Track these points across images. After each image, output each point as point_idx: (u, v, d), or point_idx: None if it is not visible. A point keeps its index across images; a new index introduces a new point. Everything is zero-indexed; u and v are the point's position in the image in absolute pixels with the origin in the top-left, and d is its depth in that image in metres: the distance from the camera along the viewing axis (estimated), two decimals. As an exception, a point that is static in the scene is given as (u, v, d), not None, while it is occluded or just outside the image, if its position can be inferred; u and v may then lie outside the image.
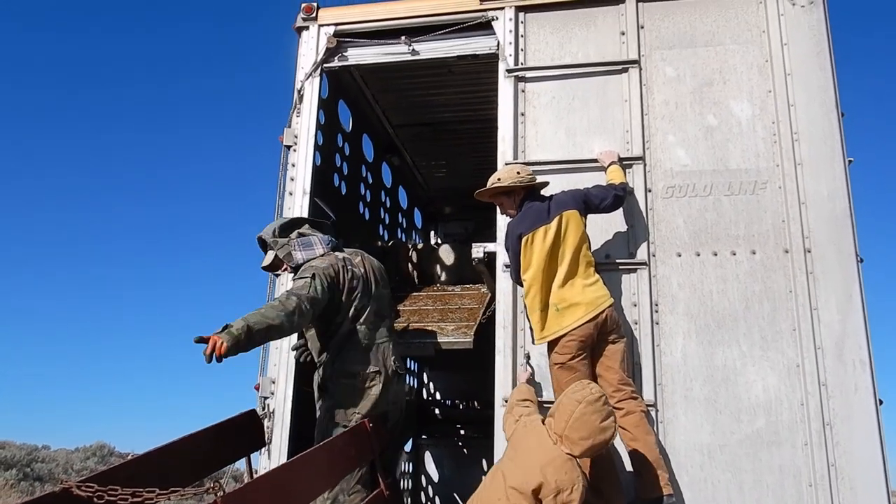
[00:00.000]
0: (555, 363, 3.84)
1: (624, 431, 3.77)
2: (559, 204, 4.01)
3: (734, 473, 3.82)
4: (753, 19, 4.49)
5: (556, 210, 3.97)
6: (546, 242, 3.89)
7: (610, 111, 4.51)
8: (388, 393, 4.01)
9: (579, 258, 3.92)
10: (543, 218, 3.96)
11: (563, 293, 3.83)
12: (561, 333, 3.79)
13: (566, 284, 3.85)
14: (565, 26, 4.74)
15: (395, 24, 5.00)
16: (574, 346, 3.78)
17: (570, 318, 3.79)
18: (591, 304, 3.82)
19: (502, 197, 4.16)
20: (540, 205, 4.03)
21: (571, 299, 3.81)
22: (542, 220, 3.95)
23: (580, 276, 3.89)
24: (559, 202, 4.03)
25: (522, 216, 4.03)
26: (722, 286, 4.11)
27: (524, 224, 3.99)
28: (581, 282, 3.87)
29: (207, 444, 3.60)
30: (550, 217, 3.95)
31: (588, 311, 3.79)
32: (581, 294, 3.83)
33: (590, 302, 3.82)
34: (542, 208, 4.01)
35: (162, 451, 3.30)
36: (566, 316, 3.80)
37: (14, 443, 15.78)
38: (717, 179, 4.27)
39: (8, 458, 13.70)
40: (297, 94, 5.03)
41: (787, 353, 3.93)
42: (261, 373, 4.61)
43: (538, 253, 3.90)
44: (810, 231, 4.07)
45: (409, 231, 8.31)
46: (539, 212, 3.99)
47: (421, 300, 5.64)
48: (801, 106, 4.27)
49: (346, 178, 6.15)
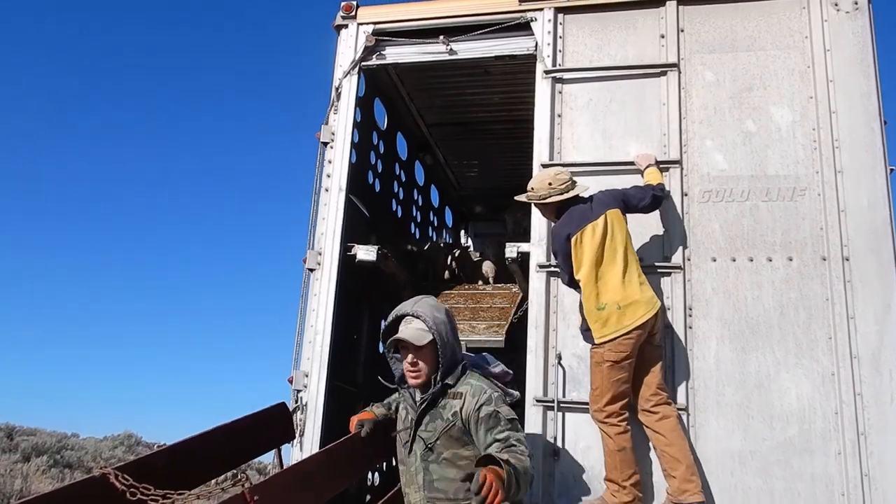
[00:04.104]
0: (607, 360, 3.76)
1: (658, 436, 3.76)
2: (601, 203, 4.00)
3: (765, 480, 3.80)
4: (796, 24, 4.45)
5: (600, 209, 3.96)
6: (595, 239, 3.86)
7: (647, 114, 4.50)
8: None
9: (630, 257, 3.91)
10: (588, 216, 3.93)
11: (624, 291, 3.79)
12: (623, 332, 3.74)
13: (625, 282, 3.81)
14: (604, 28, 4.74)
15: (433, 23, 5.04)
16: (630, 344, 3.75)
17: (631, 316, 3.75)
18: (648, 302, 3.80)
19: (539, 206, 4.17)
20: (583, 206, 4.01)
21: (632, 297, 3.78)
22: (587, 218, 3.93)
23: (635, 274, 3.87)
24: (601, 201, 4.02)
25: (567, 218, 4.00)
26: (757, 292, 4.08)
27: (571, 225, 3.95)
28: (636, 280, 3.85)
29: (239, 435, 3.67)
30: (595, 215, 3.93)
31: (647, 309, 3.78)
32: (640, 292, 3.81)
33: (647, 301, 3.81)
34: (585, 208, 3.99)
35: (195, 441, 3.38)
36: (627, 314, 3.75)
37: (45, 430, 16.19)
38: (754, 185, 4.24)
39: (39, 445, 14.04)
40: (335, 92, 5.09)
41: (822, 362, 3.90)
42: (294, 366, 4.68)
43: (588, 251, 3.86)
44: (849, 239, 4.03)
45: (439, 230, 8.36)
46: (583, 212, 3.97)
47: (453, 298, 5.68)
48: (843, 113, 4.22)
49: (380, 176, 6.21)
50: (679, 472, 3.67)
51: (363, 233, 5.49)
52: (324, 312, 4.69)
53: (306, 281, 4.81)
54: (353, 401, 5.58)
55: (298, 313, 4.74)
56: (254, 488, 2.68)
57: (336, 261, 4.78)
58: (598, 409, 3.78)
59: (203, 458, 3.29)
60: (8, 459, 12.49)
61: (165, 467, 3.07)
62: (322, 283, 4.75)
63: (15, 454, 13.22)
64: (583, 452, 4.05)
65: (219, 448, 3.44)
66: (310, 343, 4.68)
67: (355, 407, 5.55)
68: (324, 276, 4.76)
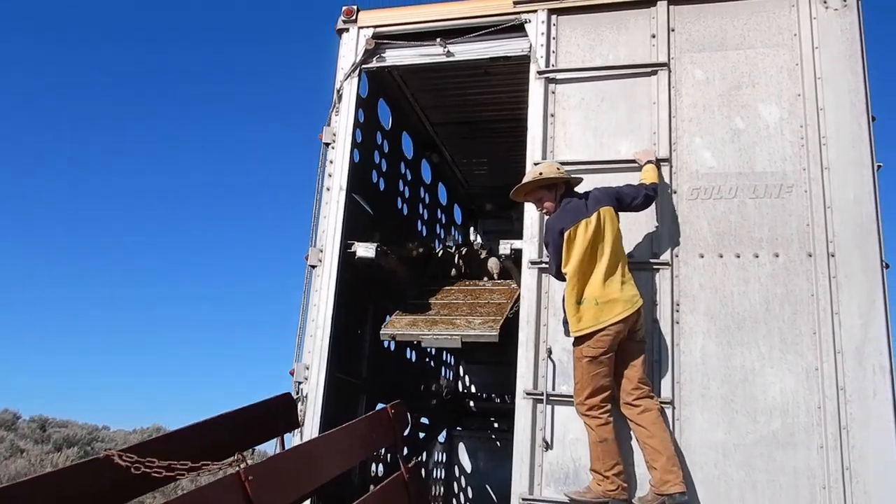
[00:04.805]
0: (585, 356, 3.92)
1: (640, 428, 3.86)
2: (596, 200, 4.10)
3: (748, 472, 3.87)
4: (785, 22, 4.50)
5: (595, 206, 4.06)
6: (587, 236, 3.97)
7: (638, 113, 4.58)
8: None
9: (617, 254, 4.02)
10: (583, 212, 4.04)
11: (603, 289, 3.91)
12: (598, 328, 3.88)
13: (606, 280, 3.93)
14: (596, 29, 4.83)
15: (430, 26, 5.17)
16: (608, 341, 3.88)
17: (608, 313, 3.87)
18: (628, 301, 3.91)
19: (542, 191, 4.24)
20: (578, 201, 4.13)
21: (611, 295, 3.90)
22: (582, 214, 4.04)
23: (618, 273, 3.97)
24: (595, 198, 4.12)
25: (562, 212, 4.12)
26: (743, 288, 4.15)
27: (566, 219, 4.07)
28: (619, 278, 3.96)
29: (243, 422, 3.86)
30: (590, 212, 4.03)
31: (625, 308, 3.89)
32: (619, 291, 3.92)
33: (627, 300, 3.92)
34: (580, 204, 4.10)
35: (198, 426, 3.56)
36: (605, 311, 3.88)
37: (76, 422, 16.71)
38: (742, 182, 4.30)
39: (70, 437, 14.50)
40: (336, 94, 5.24)
41: (807, 357, 3.96)
42: (296, 359, 4.85)
43: (579, 247, 3.97)
44: (835, 235, 4.07)
45: (448, 227, 8.48)
46: (578, 207, 4.08)
47: (452, 294, 5.80)
48: (831, 109, 4.26)
49: (385, 175, 6.35)
50: (660, 463, 3.76)
51: (367, 230, 5.64)
52: (324, 307, 4.86)
53: (308, 277, 4.97)
54: (357, 393, 5.75)
55: (300, 308, 4.91)
56: (248, 469, 2.83)
57: (336, 257, 4.94)
58: (580, 402, 3.91)
59: (206, 444, 3.45)
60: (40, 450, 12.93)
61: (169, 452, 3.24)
62: (323, 280, 4.92)
63: (47, 445, 13.68)
64: (571, 444, 4.16)
65: (222, 434, 3.61)
66: (311, 337, 4.85)
67: (358, 398, 5.74)
68: (325, 273, 4.93)
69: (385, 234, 5.96)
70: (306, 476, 3.16)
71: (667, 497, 3.76)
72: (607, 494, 3.84)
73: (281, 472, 2.98)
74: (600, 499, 3.87)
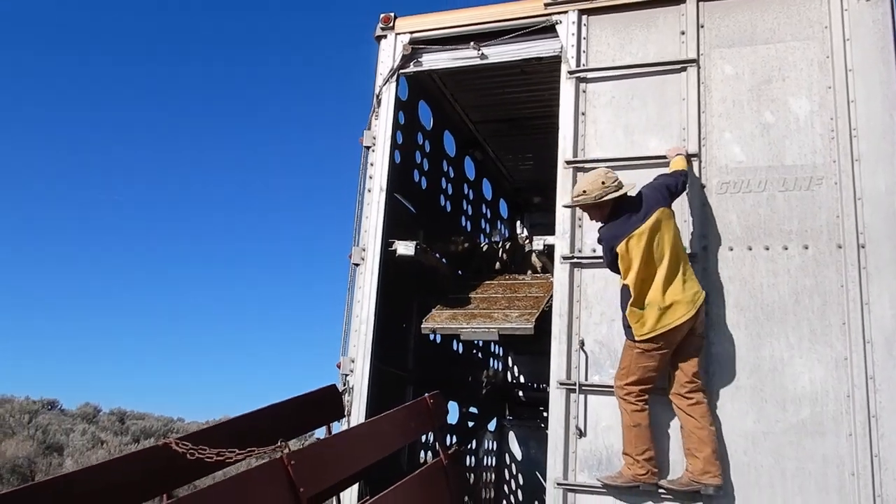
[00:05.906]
0: (640, 348, 4.01)
1: (690, 418, 3.98)
2: (648, 202, 4.12)
3: (777, 460, 3.97)
4: (816, 15, 4.51)
5: (647, 210, 4.09)
6: (640, 246, 4.01)
7: (667, 110, 4.67)
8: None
9: (677, 255, 4.08)
10: (635, 222, 4.07)
11: (665, 293, 3.98)
12: (661, 332, 3.97)
13: (668, 283, 3.99)
14: (626, 28, 4.92)
15: (465, 30, 5.35)
16: (669, 342, 4.00)
17: (671, 316, 3.96)
18: (690, 302, 3.99)
19: (590, 209, 4.30)
20: (630, 207, 4.13)
21: (673, 298, 3.98)
22: (632, 225, 4.06)
23: (680, 273, 4.04)
24: (649, 201, 4.13)
25: (613, 226, 4.14)
26: (773, 280, 4.22)
27: (616, 234, 4.09)
28: (681, 278, 4.03)
29: (290, 412, 4.16)
30: (644, 218, 4.06)
31: (688, 310, 3.98)
32: (682, 292, 3.99)
33: (689, 300, 3.99)
34: (632, 211, 4.11)
35: (248, 416, 3.87)
36: (667, 315, 3.96)
37: (153, 415, 17.67)
38: (771, 175, 4.35)
39: (147, 429, 15.35)
40: (376, 99, 5.49)
41: (836, 347, 4.01)
42: (342, 352, 5.14)
43: (635, 260, 4.02)
44: (865, 227, 4.10)
45: (493, 222, 8.65)
46: (630, 215, 4.10)
47: (492, 288, 5.99)
48: (862, 102, 4.27)
49: (427, 174, 6.57)
50: (704, 454, 3.89)
51: (409, 228, 5.88)
52: (367, 303, 5.12)
53: (352, 275, 5.25)
54: (403, 384, 6.02)
55: (346, 304, 5.20)
56: (291, 454, 3.09)
57: (378, 256, 5.20)
58: (620, 385, 4.07)
59: (255, 432, 3.76)
60: (119, 441, 13.73)
61: (221, 440, 3.56)
62: (366, 277, 5.19)
63: (126, 436, 14.51)
64: (603, 432, 4.32)
65: (272, 423, 3.91)
66: (356, 332, 5.12)
67: (405, 389, 6.00)
68: (367, 270, 5.19)
69: (428, 231, 6.19)
70: (345, 461, 3.42)
71: (702, 486, 3.89)
72: (637, 478, 4.00)
73: (321, 457, 3.24)
74: (631, 483, 4.03)
